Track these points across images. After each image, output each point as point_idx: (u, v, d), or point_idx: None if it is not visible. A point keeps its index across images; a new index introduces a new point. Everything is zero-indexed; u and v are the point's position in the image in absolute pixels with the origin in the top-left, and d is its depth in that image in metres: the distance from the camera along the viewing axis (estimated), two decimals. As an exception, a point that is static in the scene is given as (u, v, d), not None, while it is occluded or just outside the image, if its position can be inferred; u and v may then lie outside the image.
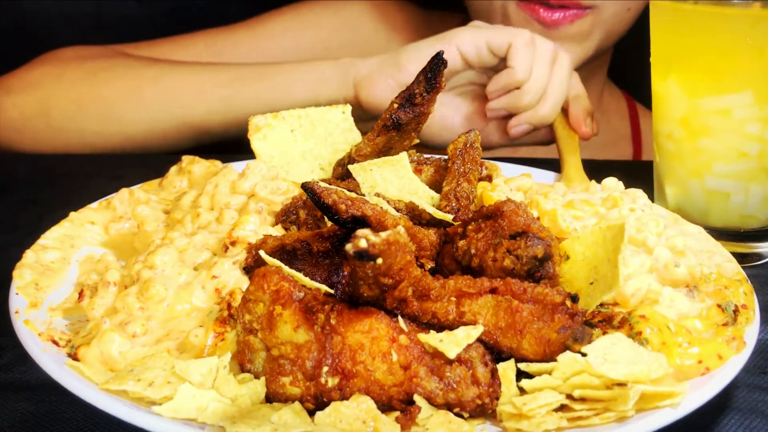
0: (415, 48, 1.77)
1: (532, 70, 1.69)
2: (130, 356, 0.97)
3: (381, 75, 1.78)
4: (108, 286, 1.08)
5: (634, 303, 1.03)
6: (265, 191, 1.26)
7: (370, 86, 1.79)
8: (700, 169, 1.40)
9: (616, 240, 0.98)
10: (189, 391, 0.87)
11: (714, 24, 1.34)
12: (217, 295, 1.05)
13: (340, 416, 0.85)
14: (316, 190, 0.99)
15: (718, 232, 1.36)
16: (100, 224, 1.29)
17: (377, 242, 0.81)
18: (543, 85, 1.70)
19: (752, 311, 1.04)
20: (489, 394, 0.87)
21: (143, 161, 2.00)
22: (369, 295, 0.90)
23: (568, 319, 0.89)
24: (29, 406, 1.03)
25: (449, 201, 1.17)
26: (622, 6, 1.95)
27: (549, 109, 1.71)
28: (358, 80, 1.82)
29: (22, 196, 1.80)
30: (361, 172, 1.20)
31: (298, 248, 1.05)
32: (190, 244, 1.15)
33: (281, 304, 0.91)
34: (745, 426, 1.00)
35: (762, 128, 1.34)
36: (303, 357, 0.89)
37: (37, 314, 1.05)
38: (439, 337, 0.88)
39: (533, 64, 1.69)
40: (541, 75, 1.70)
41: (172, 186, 1.43)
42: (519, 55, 1.68)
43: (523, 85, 1.70)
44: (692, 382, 0.90)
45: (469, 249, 1.02)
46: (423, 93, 1.25)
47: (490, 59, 1.72)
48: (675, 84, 1.40)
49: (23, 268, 1.13)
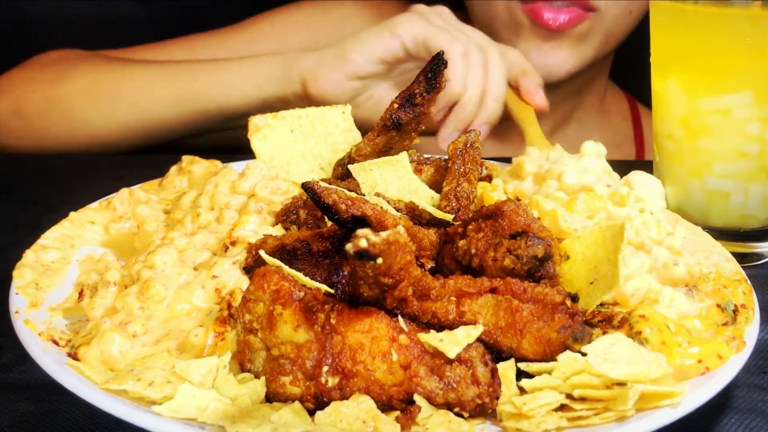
0: (360, 38, 1.76)
1: (467, 83, 1.70)
2: (130, 356, 0.97)
3: (326, 68, 1.77)
4: (108, 285, 1.08)
5: (634, 303, 1.04)
6: (265, 191, 1.26)
7: (316, 80, 1.78)
8: (700, 169, 1.40)
9: (616, 240, 0.99)
10: (189, 391, 0.87)
11: (714, 24, 1.34)
12: (217, 295, 1.05)
13: (340, 416, 0.85)
14: (317, 190, 0.99)
15: (718, 232, 1.36)
16: (100, 224, 1.30)
17: (377, 242, 0.81)
18: (479, 93, 1.71)
19: (752, 311, 1.04)
20: (489, 393, 0.87)
21: (143, 161, 2.00)
22: (369, 295, 0.90)
23: (568, 318, 0.89)
24: (29, 406, 1.03)
25: (449, 201, 1.17)
26: (623, 8, 1.95)
27: (492, 108, 1.72)
28: (303, 74, 1.80)
29: (22, 196, 1.80)
30: (361, 172, 1.20)
31: (298, 248, 1.05)
32: (190, 244, 1.15)
33: (281, 303, 0.91)
34: (745, 426, 1.00)
35: (762, 128, 1.34)
36: (303, 357, 0.89)
37: (37, 314, 1.05)
38: (439, 337, 0.88)
39: (467, 77, 1.70)
40: (476, 85, 1.71)
41: (172, 186, 1.43)
42: (452, 67, 1.68)
43: (461, 98, 1.71)
44: (692, 382, 0.90)
45: (470, 249, 1.02)
46: (423, 93, 1.25)
47: (426, 56, 1.71)
48: (675, 84, 1.40)
49: (23, 267, 1.14)
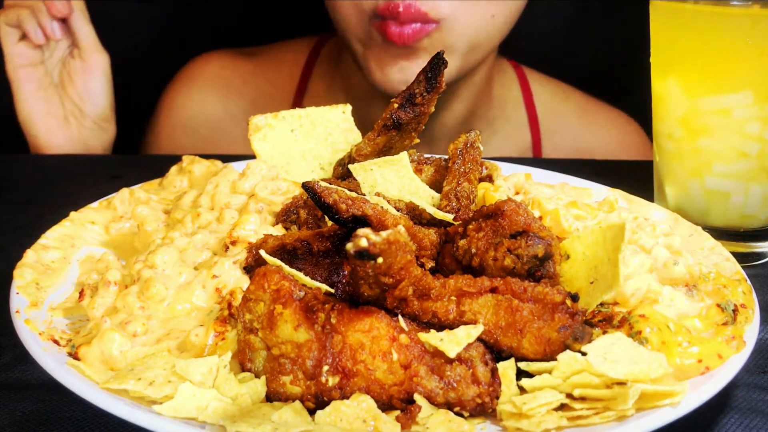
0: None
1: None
2: (130, 355, 0.97)
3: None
4: (108, 285, 1.08)
5: (634, 302, 1.04)
6: (266, 191, 1.26)
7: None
8: (700, 168, 1.40)
9: (616, 239, 0.99)
10: (189, 390, 0.87)
11: (714, 24, 1.34)
12: (217, 295, 1.05)
13: (340, 415, 0.85)
14: (317, 190, 0.99)
15: (718, 232, 1.36)
16: (100, 224, 1.30)
17: (378, 241, 0.81)
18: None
19: (751, 311, 1.04)
20: (489, 393, 0.87)
21: (143, 161, 2.00)
22: (369, 295, 0.90)
23: (568, 318, 0.89)
24: (30, 406, 1.03)
25: (449, 201, 1.17)
26: (482, 14, 1.94)
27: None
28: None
29: (22, 196, 1.80)
30: (362, 172, 1.20)
31: (298, 248, 1.06)
32: (191, 243, 1.15)
33: (282, 303, 0.91)
34: (745, 425, 1.00)
35: (762, 128, 1.34)
36: (303, 356, 0.89)
37: (37, 314, 1.05)
38: (440, 337, 0.88)
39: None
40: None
41: (173, 186, 1.43)
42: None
43: None
44: (692, 382, 0.91)
45: (470, 248, 1.02)
46: (423, 93, 1.25)
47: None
48: (675, 84, 1.40)
49: (24, 267, 1.14)
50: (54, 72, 2.16)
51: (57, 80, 2.16)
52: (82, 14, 2.12)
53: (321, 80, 2.42)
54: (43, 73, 2.12)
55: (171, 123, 2.45)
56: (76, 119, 2.17)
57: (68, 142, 2.17)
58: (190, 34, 2.65)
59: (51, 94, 2.14)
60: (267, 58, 2.49)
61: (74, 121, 2.17)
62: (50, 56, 2.14)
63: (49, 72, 2.14)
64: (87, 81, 2.15)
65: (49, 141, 2.14)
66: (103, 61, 2.15)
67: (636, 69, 1.70)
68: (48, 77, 2.14)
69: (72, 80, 2.15)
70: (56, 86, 2.15)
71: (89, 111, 2.17)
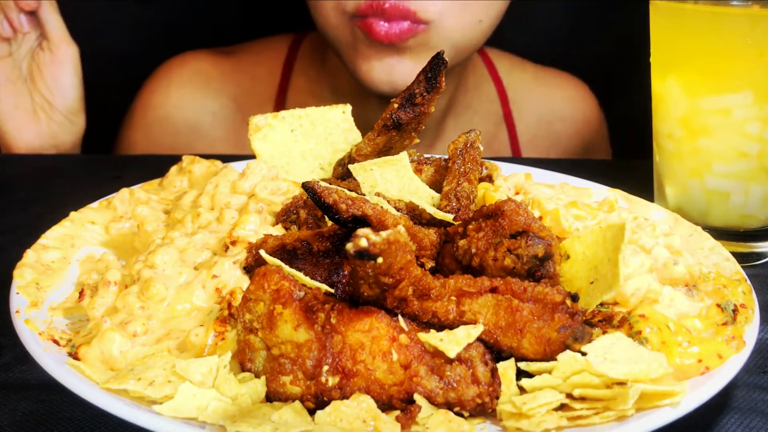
0: None
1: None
2: (130, 355, 0.97)
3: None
4: (108, 285, 1.08)
5: (634, 302, 1.04)
6: (266, 191, 1.26)
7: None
8: (700, 168, 1.40)
9: (616, 239, 0.99)
10: (189, 391, 0.87)
11: (714, 24, 1.34)
12: (217, 295, 1.05)
13: (340, 415, 0.85)
14: (317, 190, 0.99)
15: (718, 232, 1.36)
16: (100, 224, 1.30)
17: (378, 241, 0.81)
18: None
19: (751, 310, 1.04)
20: (489, 393, 0.87)
21: (143, 161, 2.00)
22: (369, 295, 0.90)
23: (568, 318, 0.89)
24: (30, 406, 1.03)
25: (449, 201, 1.17)
26: (469, 19, 1.95)
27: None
28: None
29: (22, 196, 1.81)
30: (362, 172, 1.20)
31: (298, 248, 1.06)
32: (191, 243, 1.15)
33: (282, 303, 0.91)
34: (745, 425, 1.00)
35: (762, 128, 1.34)
36: (303, 356, 0.89)
37: (37, 314, 1.05)
38: (440, 337, 0.88)
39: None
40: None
41: (173, 186, 1.43)
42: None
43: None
44: (692, 382, 0.91)
45: (470, 248, 1.02)
46: (423, 93, 1.25)
47: None
48: (675, 84, 1.40)
49: (24, 267, 1.14)
50: (22, 65, 2.12)
51: (26, 73, 2.12)
52: (51, 6, 2.08)
53: (303, 75, 2.40)
54: (11, 66, 2.09)
55: (147, 121, 2.42)
56: (45, 113, 2.14)
57: (37, 137, 2.14)
58: (167, 31, 2.62)
59: (20, 88, 2.10)
60: (246, 55, 2.46)
61: (43, 114, 2.14)
62: (18, 48, 2.10)
63: (18, 65, 2.10)
64: (56, 73, 2.11)
65: (18, 136, 2.12)
66: (72, 52, 2.11)
67: (636, 68, 1.70)
68: (16, 70, 2.10)
69: (41, 73, 2.11)
70: (25, 79, 2.12)
71: (59, 104, 2.14)
